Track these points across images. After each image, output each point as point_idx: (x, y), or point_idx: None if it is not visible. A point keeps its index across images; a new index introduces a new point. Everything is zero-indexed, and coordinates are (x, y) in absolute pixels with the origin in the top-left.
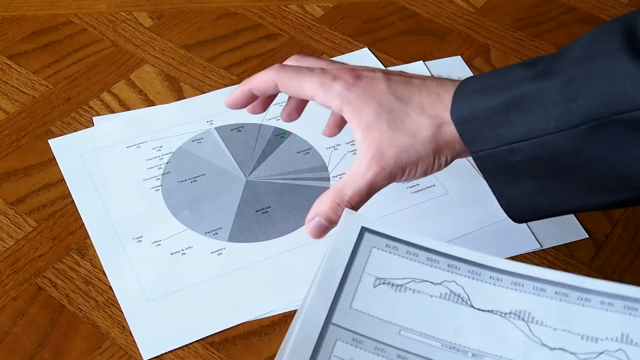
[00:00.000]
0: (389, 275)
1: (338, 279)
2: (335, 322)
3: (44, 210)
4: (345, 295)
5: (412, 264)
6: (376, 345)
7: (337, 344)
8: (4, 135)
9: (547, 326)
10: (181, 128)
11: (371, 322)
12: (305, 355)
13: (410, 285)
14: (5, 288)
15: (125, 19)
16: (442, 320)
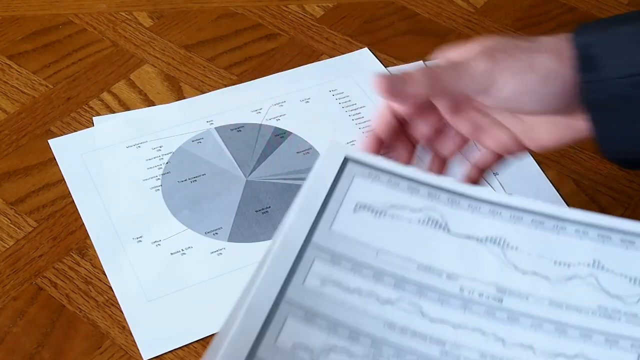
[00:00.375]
0: (370, 201)
1: (320, 202)
2: (315, 241)
3: (44, 210)
4: (325, 217)
5: (393, 192)
6: (353, 265)
7: (315, 262)
8: (4, 135)
9: (522, 252)
10: (181, 128)
11: (350, 243)
12: (284, 272)
13: (390, 210)
14: (5, 288)
15: (125, 19)
16: (419, 244)
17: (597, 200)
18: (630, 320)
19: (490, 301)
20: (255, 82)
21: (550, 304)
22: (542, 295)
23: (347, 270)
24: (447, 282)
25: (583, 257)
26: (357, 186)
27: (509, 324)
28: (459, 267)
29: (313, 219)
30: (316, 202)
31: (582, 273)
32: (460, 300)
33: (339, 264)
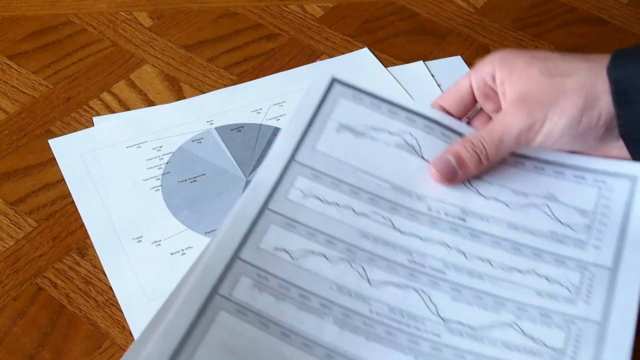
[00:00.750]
0: (352, 122)
1: (305, 122)
2: (298, 160)
3: (44, 210)
4: (310, 137)
5: (374, 114)
6: (333, 181)
7: (298, 178)
8: (4, 135)
9: (485, 180)
10: (181, 128)
11: (331, 162)
12: (269, 185)
13: (370, 132)
14: (5, 288)
15: (125, 19)
16: (394, 166)
17: None
18: (577, 245)
19: (455, 220)
20: (255, 82)
21: (508, 226)
22: (501, 218)
23: (327, 186)
24: (417, 202)
25: (539, 190)
26: (341, 107)
27: (471, 240)
28: (429, 189)
29: (298, 139)
30: (302, 123)
31: (538, 202)
32: (428, 217)
33: (320, 180)
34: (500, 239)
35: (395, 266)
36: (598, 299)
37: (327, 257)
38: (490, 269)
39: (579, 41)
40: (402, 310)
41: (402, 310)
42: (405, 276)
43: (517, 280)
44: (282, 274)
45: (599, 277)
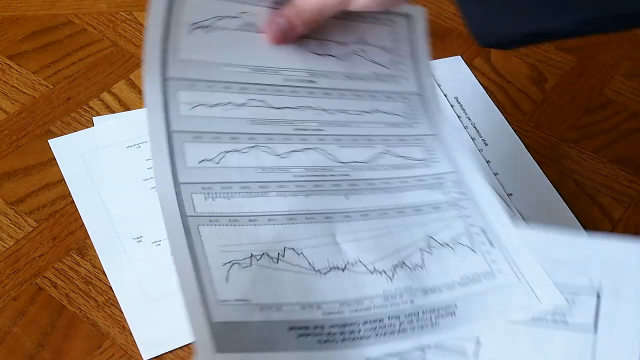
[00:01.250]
0: (200, 19)
1: (160, 36)
2: (170, 76)
3: (44, 210)
4: (171, 49)
5: (214, 2)
6: (206, 83)
7: (179, 93)
8: (4, 135)
9: (314, 38)
10: None
11: (197, 66)
12: (161, 111)
13: (216, 23)
14: (5, 288)
15: (125, 19)
16: (245, 49)
17: (597, 200)
18: (394, 80)
19: (307, 84)
20: None
21: (344, 77)
22: (336, 71)
23: (204, 90)
24: (274, 77)
25: (353, 37)
26: (187, 4)
27: (325, 97)
28: (277, 62)
29: (161, 56)
30: (157, 38)
31: (356, 49)
32: (288, 88)
33: (196, 87)
34: (344, 91)
35: (289, 137)
36: (422, 118)
37: (239, 150)
38: (349, 116)
39: (579, 41)
40: (315, 167)
41: (314, 167)
42: (299, 142)
43: (370, 119)
44: (218, 179)
45: (414, 101)
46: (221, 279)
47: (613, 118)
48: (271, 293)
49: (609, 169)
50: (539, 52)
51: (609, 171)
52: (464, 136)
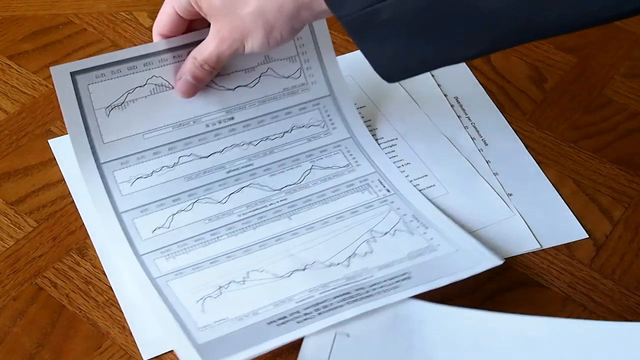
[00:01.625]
0: (111, 99)
1: (81, 126)
2: (102, 161)
3: (44, 210)
4: (95, 136)
5: (120, 81)
6: (137, 156)
7: (115, 174)
8: (4, 135)
9: (222, 75)
10: None
11: (123, 143)
12: (104, 197)
13: (128, 97)
14: (5, 288)
15: (125, 19)
16: (162, 110)
17: (597, 200)
18: (304, 89)
19: (227, 122)
20: None
21: (259, 102)
22: (250, 99)
23: (136, 163)
24: (197, 126)
25: (258, 58)
26: (95, 93)
27: (245, 130)
28: (196, 109)
29: (88, 145)
30: (79, 129)
31: (264, 70)
32: (211, 132)
33: (128, 163)
34: (261, 117)
35: (223, 181)
36: (337, 120)
37: (184, 210)
38: (272, 142)
39: (579, 41)
40: (254, 202)
41: (254, 202)
42: (234, 183)
43: (291, 139)
44: (173, 240)
45: (327, 104)
46: (198, 312)
47: (613, 118)
48: (245, 305)
49: (609, 169)
50: (539, 52)
51: (609, 171)
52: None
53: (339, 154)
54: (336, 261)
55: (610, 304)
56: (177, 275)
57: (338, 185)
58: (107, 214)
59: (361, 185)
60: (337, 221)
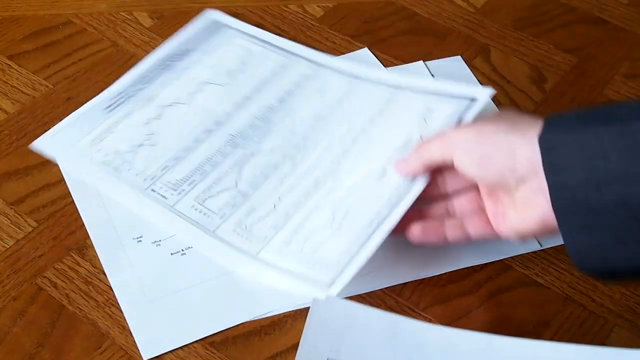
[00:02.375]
0: None
1: None
2: None
3: (44, 210)
4: None
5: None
6: None
7: None
8: (4, 135)
9: None
10: None
11: None
12: None
13: None
14: (5, 288)
15: (125, 19)
16: None
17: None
18: None
19: None
20: None
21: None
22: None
23: None
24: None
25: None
26: None
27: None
28: None
29: None
30: None
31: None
32: None
33: None
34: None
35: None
36: None
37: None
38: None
39: (579, 41)
40: None
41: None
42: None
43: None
44: None
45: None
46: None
47: None
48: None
49: None
50: (539, 52)
51: None
52: None
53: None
54: None
55: (610, 304)
56: None
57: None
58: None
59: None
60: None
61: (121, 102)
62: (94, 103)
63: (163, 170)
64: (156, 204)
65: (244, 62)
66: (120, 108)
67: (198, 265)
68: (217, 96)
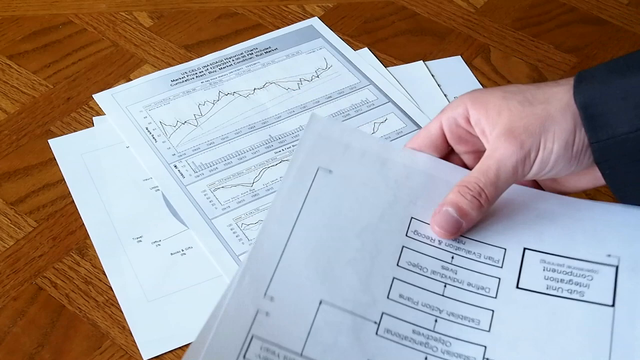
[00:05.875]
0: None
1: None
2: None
3: (44, 210)
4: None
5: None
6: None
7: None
8: (4, 135)
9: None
10: None
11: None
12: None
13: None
14: (5, 288)
15: (125, 19)
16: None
17: (597, 200)
18: None
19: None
20: None
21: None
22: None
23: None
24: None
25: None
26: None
27: None
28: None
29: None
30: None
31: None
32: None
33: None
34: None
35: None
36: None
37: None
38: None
39: (579, 41)
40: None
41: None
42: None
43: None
44: None
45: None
46: None
47: None
48: None
49: None
50: (539, 52)
51: None
52: None
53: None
54: None
55: None
56: None
57: None
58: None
59: None
60: None
61: (188, 79)
62: (162, 73)
63: (194, 151)
64: (171, 179)
65: (318, 74)
66: (185, 85)
67: (198, 265)
68: (276, 98)
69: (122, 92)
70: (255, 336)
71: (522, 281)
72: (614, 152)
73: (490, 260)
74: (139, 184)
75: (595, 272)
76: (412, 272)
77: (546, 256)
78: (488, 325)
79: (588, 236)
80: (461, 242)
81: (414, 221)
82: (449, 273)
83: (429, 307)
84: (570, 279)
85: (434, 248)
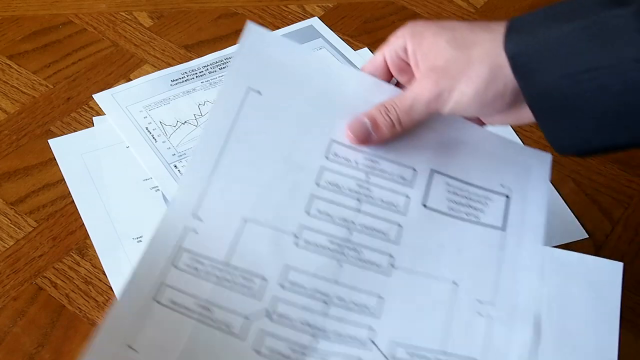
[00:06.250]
0: None
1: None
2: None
3: (44, 210)
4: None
5: None
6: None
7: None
8: (4, 135)
9: None
10: None
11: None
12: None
13: None
14: (5, 288)
15: (125, 19)
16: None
17: (597, 200)
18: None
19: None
20: None
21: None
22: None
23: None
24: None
25: None
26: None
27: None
28: None
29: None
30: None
31: None
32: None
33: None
34: None
35: None
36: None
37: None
38: None
39: None
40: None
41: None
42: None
43: None
44: None
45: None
46: None
47: None
48: None
49: (609, 169)
50: None
51: (609, 171)
52: None
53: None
54: None
55: None
56: None
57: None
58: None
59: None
60: None
61: (188, 79)
62: (162, 73)
63: None
64: (171, 179)
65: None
66: (185, 85)
67: None
68: None
69: (122, 92)
70: (184, 249)
71: (429, 200)
72: (544, 99)
73: (401, 179)
74: (139, 184)
75: (489, 199)
76: (330, 191)
77: (450, 180)
78: (395, 237)
79: (487, 167)
80: (376, 162)
81: (334, 144)
82: (363, 191)
83: (344, 220)
84: (469, 203)
85: (351, 169)
